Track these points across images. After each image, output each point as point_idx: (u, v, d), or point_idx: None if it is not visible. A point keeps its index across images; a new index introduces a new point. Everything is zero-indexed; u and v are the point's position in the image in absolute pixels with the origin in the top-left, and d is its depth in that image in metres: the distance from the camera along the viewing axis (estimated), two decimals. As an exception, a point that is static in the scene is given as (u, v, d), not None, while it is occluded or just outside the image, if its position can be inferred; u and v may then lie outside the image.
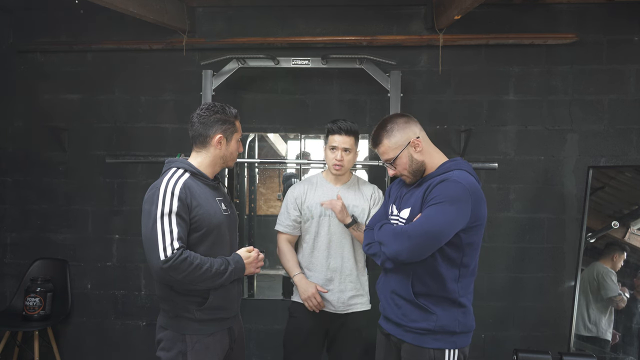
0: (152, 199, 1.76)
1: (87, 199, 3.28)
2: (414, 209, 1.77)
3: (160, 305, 1.89)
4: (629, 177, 3.01)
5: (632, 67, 3.06)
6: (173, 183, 1.77)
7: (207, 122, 1.88)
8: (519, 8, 3.08)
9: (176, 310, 1.82)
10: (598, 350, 2.82)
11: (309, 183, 2.46)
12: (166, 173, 1.84)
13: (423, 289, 1.75)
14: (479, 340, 3.10)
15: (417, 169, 1.81)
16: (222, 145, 1.90)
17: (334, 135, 2.32)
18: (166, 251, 1.68)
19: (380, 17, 3.15)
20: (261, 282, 3.70)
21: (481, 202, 1.72)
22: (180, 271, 1.69)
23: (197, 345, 1.81)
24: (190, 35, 3.17)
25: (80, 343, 3.29)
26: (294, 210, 2.42)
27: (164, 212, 1.72)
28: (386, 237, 1.76)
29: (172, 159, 1.94)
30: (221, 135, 1.89)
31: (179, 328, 1.82)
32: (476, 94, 3.13)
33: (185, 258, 1.70)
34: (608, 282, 2.86)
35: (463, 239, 1.70)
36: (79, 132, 3.27)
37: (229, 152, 1.93)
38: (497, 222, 3.10)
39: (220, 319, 1.88)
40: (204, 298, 1.81)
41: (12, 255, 3.33)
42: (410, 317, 1.77)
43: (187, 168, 1.85)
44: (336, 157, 2.31)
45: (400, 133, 1.80)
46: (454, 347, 1.75)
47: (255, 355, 3.20)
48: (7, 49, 3.30)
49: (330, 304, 2.34)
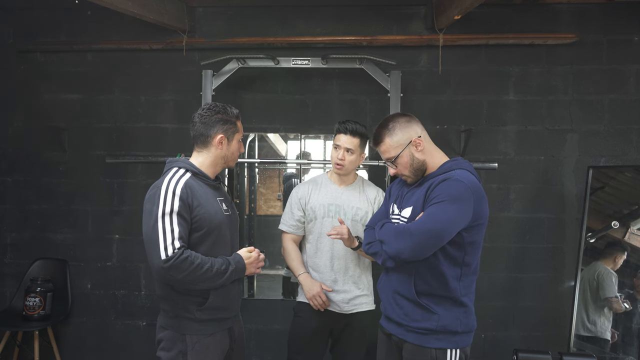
0: (154, 198, 1.76)
1: (87, 199, 3.28)
2: (415, 207, 1.77)
3: (160, 305, 1.89)
4: (629, 177, 3.01)
5: (632, 67, 3.06)
6: (175, 183, 1.78)
7: (208, 122, 1.88)
8: (519, 8, 3.08)
9: (176, 310, 1.82)
10: (598, 350, 2.81)
11: (314, 183, 2.46)
12: (167, 173, 1.83)
13: (425, 288, 1.75)
14: (479, 340, 3.10)
15: (418, 168, 1.81)
16: (223, 145, 1.90)
17: (339, 135, 2.33)
18: (167, 250, 1.68)
19: (380, 17, 3.15)
20: (261, 282, 3.71)
21: (483, 200, 1.72)
22: (181, 271, 1.69)
23: (197, 345, 1.81)
24: (190, 35, 3.17)
25: (80, 343, 3.29)
26: (298, 211, 2.42)
27: (165, 212, 1.72)
28: (388, 235, 1.76)
29: (173, 159, 1.94)
30: (222, 135, 1.89)
31: (179, 328, 1.82)
32: (476, 94, 3.13)
33: (186, 257, 1.70)
34: (607, 282, 2.86)
35: (465, 238, 1.70)
36: (79, 132, 3.27)
37: (230, 152, 1.93)
38: (497, 222, 3.09)
39: (220, 319, 1.88)
40: (204, 298, 1.81)
41: (12, 255, 3.33)
42: (412, 317, 1.76)
43: (189, 168, 1.86)
44: (338, 156, 2.32)
45: (402, 132, 1.80)
46: (456, 346, 1.75)
47: (255, 355, 3.20)
48: (8, 48, 3.30)
49: (335, 304, 2.34)
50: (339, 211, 2.37)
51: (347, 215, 2.37)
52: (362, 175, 3.27)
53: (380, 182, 3.01)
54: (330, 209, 2.38)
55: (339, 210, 2.37)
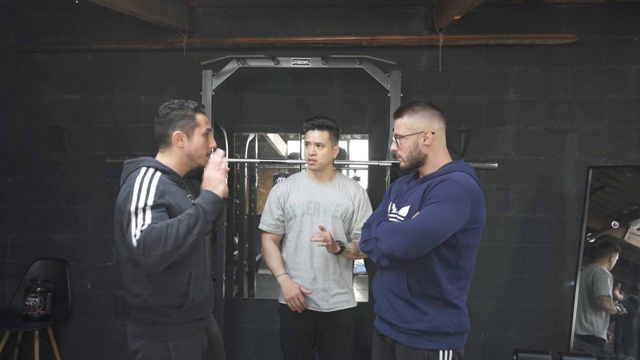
0: (127, 198, 1.66)
1: (87, 199, 3.28)
2: (412, 207, 1.77)
3: (131, 313, 1.79)
4: (629, 177, 3.01)
5: (632, 67, 3.06)
6: (148, 180, 1.68)
7: (164, 121, 1.81)
8: (519, 8, 3.08)
9: (154, 316, 1.73)
10: (598, 350, 2.82)
11: (292, 181, 2.48)
12: (136, 172, 1.73)
13: (418, 287, 1.75)
14: (479, 340, 3.10)
15: (416, 158, 1.82)
16: (183, 142, 1.81)
17: (308, 132, 2.38)
18: (136, 236, 1.57)
19: (380, 17, 3.15)
20: (261, 282, 3.71)
21: (480, 204, 1.72)
22: (156, 243, 1.56)
23: (180, 349, 1.74)
24: (190, 35, 3.17)
25: (80, 343, 3.29)
26: (277, 209, 2.43)
27: (138, 207, 1.62)
28: (383, 233, 1.76)
29: (133, 159, 1.83)
30: (179, 132, 1.80)
31: (158, 335, 1.73)
32: (476, 94, 3.13)
33: (152, 228, 1.57)
34: (602, 281, 2.87)
35: (460, 240, 1.70)
36: (79, 132, 3.27)
37: (194, 149, 1.83)
38: (497, 222, 3.09)
39: (199, 319, 1.84)
40: (184, 296, 1.74)
41: (12, 255, 3.33)
42: (403, 317, 1.76)
43: (157, 166, 1.77)
44: (309, 152, 2.35)
45: (421, 119, 1.81)
46: (448, 348, 1.74)
47: (255, 355, 3.20)
48: (8, 48, 3.30)
49: (315, 303, 2.35)
50: (318, 208, 2.38)
51: (328, 213, 2.37)
52: (362, 175, 3.27)
53: (380, 182, 3.01)
54: (309, 206, 2.38)
55: (318, 208, 2.38)
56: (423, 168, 1.85)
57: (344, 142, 3.56)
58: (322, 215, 2.37)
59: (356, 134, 3.41)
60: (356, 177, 3.71)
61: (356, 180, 2.70)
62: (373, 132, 3.19)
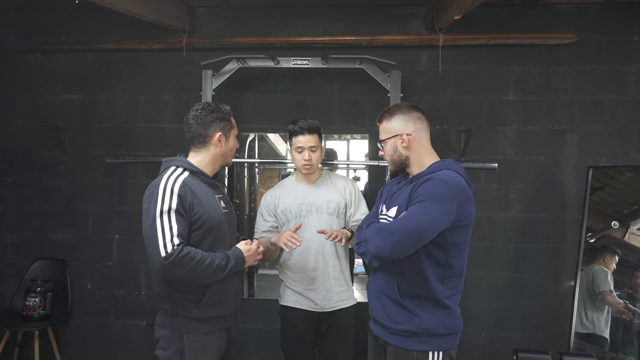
0: (152, 197, 1.76)
1: (87, 199, 3.28)
2: (400, 207, 1.78)
3: (158, 304, 1.89)
4: (629, 177, 3.01)
5: (632, 67, 3.06)
6: (173, 181, 1.79)
7: (204, 122, 1.90)
8: (519, 8, 3.08)
9: (175, 308, 1.82)
10: (598, 350, 2.82)
11: (281, 187, 2.48)
12: (165, 171, 1.84)
13: (408, 288, 1.74)
14: (479, 340, 3.10)
15: (398, 161, 1.85)
16: (222, 143, 1.93)
17: (297, 137, 2.34)
18: (167, 247, 1.69)
19: (380, 17, 3.15)
20: (261, 282, 3.71)
21: (468, 202, 1.71)
22: (181, 267, 1.70)
23: (194, 344, 1.81)
24: (190, 35, 3.17)
25: (80, 343, 3.29)
26: (269, 217, 2.43)
27: (163, 210, 1.73)
28: (370, 234, 1.77)
29: (170, 157, 1.94)
30: (221, 133, 1.92)
31: (177, 326, 1.83)
32: (476, 94, 3.13)
33: (186, 254, 1.70)
34: (602, 277, 2.88)
35: (448, 239, 1.69)
36: (79, 132, 3.27)
37: (229, 149, 1.97)
38: (497, 222, 3.09)
39: (218, 317, 1.88)
40: (201, 294, 1.82)
41: (12, 255, 3.33)
42: (394, 319, 1.76)
43: (187, 167, 1.87)
44: (304, 158, 2.33)
45: (397, 122, 1.84)
46: (439, 349, 1.73)
47: (255, 355, 3.20)
48: (8, 48, 3.30)
49: (316, 304, 2.35)
50: (310, 209, 2.37)
51: (322, 211, 2.37)
52: (362, 175, 3.28)
53: (380, 182, 3.01)
54: (301, 208, 2.38)
55: (310, 208, 2.37)
56: (410, 169, 1.86)
57: (344, 142, 3.56)
58: (315, 214, 2.37)
59: (356, 134, 3.41)
60: (356, 177, 3.71)
61: (345, 176, 2.68)
62: (373, 132, 3.19)
